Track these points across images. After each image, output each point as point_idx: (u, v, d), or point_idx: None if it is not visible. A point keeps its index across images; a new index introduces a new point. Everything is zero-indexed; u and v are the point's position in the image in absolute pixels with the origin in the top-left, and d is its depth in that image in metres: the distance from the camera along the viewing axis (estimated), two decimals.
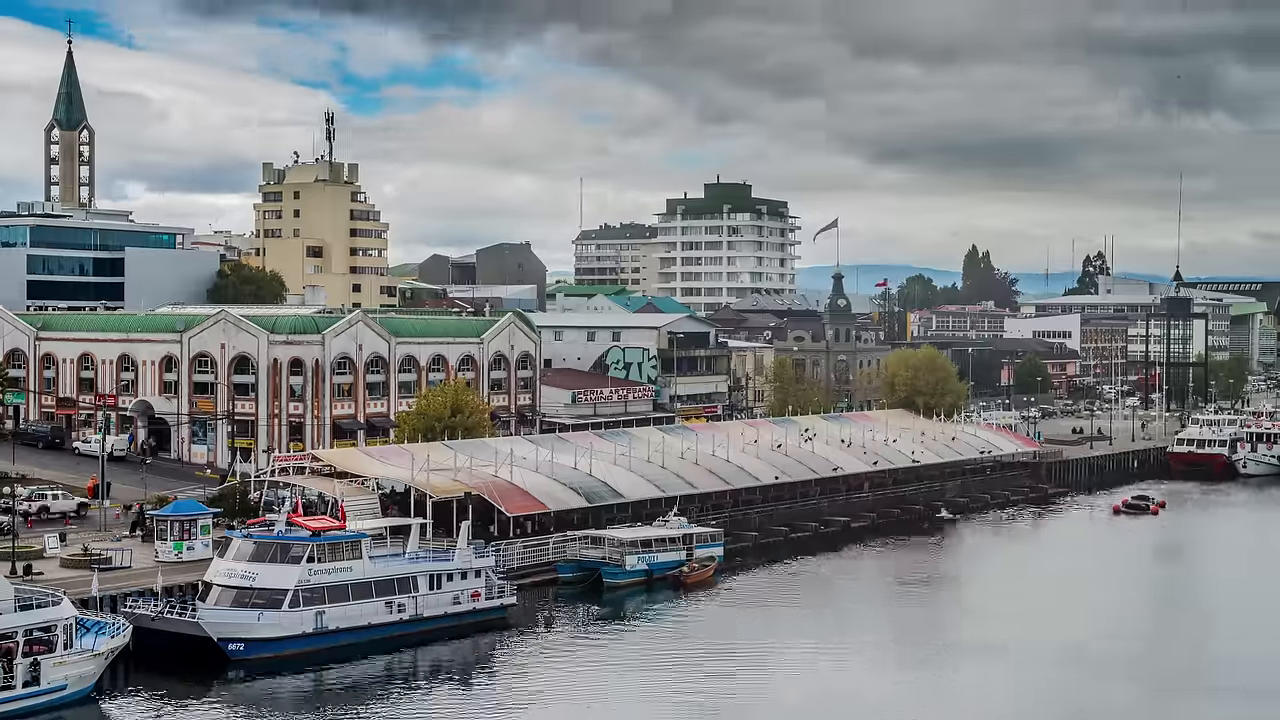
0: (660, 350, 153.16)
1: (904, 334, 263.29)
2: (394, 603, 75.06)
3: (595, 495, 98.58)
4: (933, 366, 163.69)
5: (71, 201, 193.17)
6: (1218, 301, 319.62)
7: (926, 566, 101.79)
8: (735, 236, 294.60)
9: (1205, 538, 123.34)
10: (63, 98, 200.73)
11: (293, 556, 72.16)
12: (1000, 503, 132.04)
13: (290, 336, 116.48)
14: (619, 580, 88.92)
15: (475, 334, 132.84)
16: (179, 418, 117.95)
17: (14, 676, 59.70)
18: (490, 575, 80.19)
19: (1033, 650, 76.37)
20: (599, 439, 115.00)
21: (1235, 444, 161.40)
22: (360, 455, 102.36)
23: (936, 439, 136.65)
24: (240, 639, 69.20)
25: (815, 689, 69.11)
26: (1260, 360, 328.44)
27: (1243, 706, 66.42)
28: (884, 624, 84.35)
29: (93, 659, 62.63)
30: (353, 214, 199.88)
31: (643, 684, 68.82)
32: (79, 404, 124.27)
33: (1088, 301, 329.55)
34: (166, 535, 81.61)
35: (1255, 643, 79.36)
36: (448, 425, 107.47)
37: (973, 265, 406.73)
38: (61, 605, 62.40)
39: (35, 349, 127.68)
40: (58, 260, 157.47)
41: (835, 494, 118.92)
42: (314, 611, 71.53)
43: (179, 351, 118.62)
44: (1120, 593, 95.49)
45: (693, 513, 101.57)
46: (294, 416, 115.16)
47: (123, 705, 63.29)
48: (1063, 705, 66.27)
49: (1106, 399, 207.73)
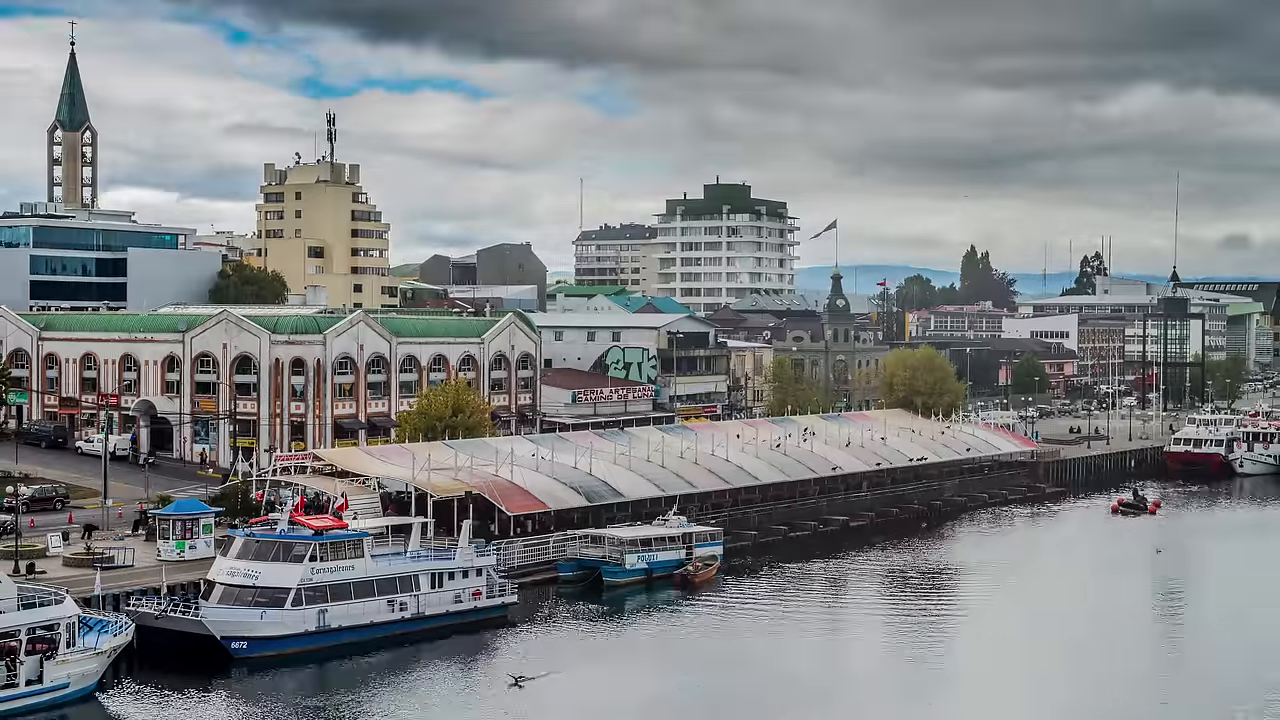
0: (660, 350, 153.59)
1: (902, 334, 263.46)
2: (396, 601, 75.51)
3: (595, 494, 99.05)
4: (931, 366, 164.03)
5: (74, 202, 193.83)
6: (1214, 302, 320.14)
7: (924, 564, 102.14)
8: (734, 237, 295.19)
9: (1203, 537, 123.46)
10: (65, 98, 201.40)
11: (295, 555, 72.60)
12: (998, 502, 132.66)
13: (292, 336, 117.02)
14: (619, 579, 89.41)
15: (476, 334, 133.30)
16: (181, 417, 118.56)
17: (17, 675, 60.04)
18: (491, 574, 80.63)
19: (1025, 640, 76.92)
20: (599, 438, 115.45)
21: (1232, 443, 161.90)
22: (361, 455, 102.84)
23: (935, 438, 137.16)
24: (243, 637, 69.64)
25: (815, 686, 69.47)
26: (1257, 360, 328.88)
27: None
28: (883, 622, 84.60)
29: (95, 657, 63.02)
30: (354, 214, 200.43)
31: (643, 681, 69.21)
32: (82, 404, 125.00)
33: (1085, 302, 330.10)
34: (169, 534, 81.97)
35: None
36: (449, 425, 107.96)
37: (971, 266, 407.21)
38: (64, 604, 62.75)
39: (38, 349, 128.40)
40: (61, 260, 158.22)
41: (834, 493, 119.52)
42: (316, 610, 71.98)
43: (181, 351, 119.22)
44: (1115, 591, 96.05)
45: (692, 512, 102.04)
46: (295, 416, 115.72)
47: (125, 703, 63.70)
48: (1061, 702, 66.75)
49: (1103, 400, 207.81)
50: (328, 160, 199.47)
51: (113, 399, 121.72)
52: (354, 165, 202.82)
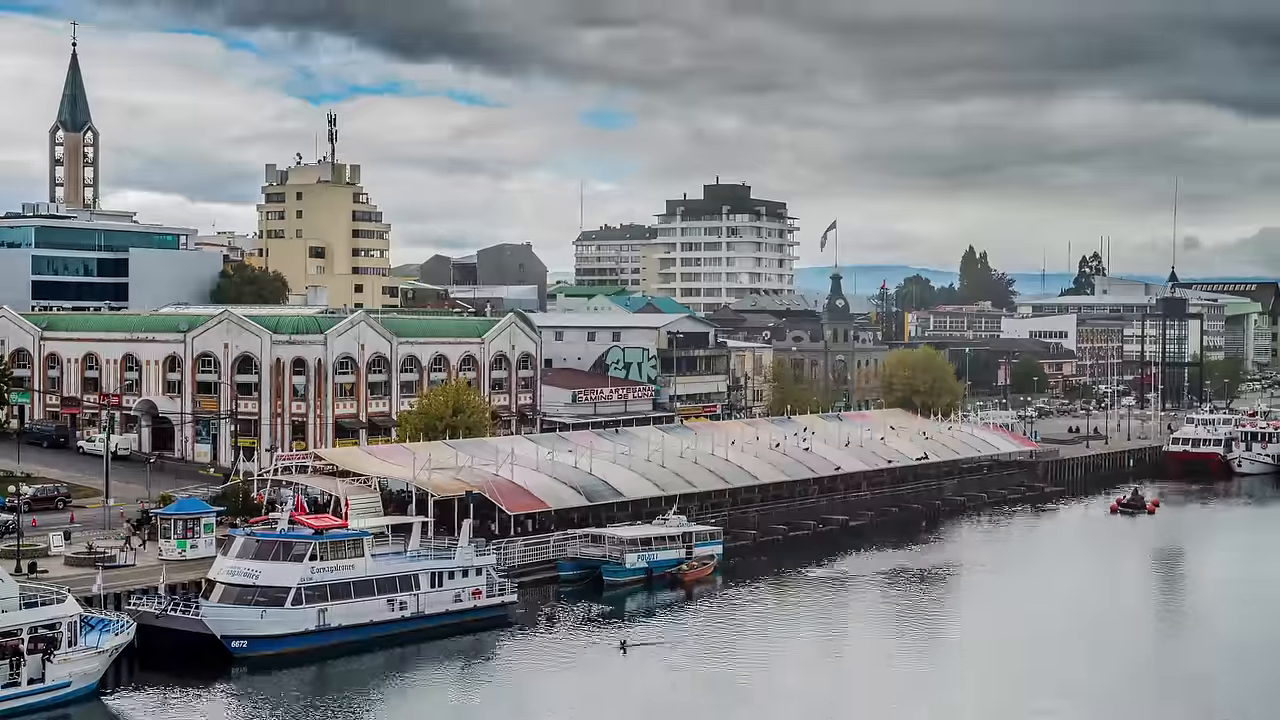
0: (660, 350, 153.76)
1: (902, 334, 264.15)
2: (396, 600, 75.75)
3: (595, 494, 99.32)
4: (930, 366, 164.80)
5: (76, 203, 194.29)
6: (1213, 302, 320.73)
7: (924, 564, 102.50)
8: (734, 237, 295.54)
9: (1201, 537, 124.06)
10: (67, 99, 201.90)
11: (295, 555, 72.85)
12: (997, 501, 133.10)
13: (293, 336, 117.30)
14: (619, 578, 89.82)
15: (476, 334, 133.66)
16: (183, 417, 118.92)
17: (19, 673, 60.31)
18: (491, 573, 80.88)
19: (1026, 640, 77.35)
20: (599, 438, 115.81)
21: (1230, 443, 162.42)
22: (362, 454, 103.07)
23: (934, 438, 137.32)
24: (243, 636, 69.89)
25: (813, 681, 69.90)
26: (1255, 360, 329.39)
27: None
28: (880, 619, 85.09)
29: (97, 656, 63.23)
30: (355, 215, 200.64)
31: (643, 678, 69.57)
32: (83, 403, 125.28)
33: (1084, 302, 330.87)
34: (170, 534, 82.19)
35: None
36: (449, 424, 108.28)
37: (970, 266, 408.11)
38: (66, 603, 63.00)
39: (40, 349, 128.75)
40: (63, 261, 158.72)
41: (833, 493, 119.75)
42: (316, 609, 72.21)
43: (183, 351, 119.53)
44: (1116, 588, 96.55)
45: (692, 511, 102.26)
46: (297, 416, 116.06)
47: (127, 702, 64.05)
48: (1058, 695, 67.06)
49: (1101, 400, 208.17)
50: (328, 161, 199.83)
51: (114, 399, 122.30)
52: (354, 166, 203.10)
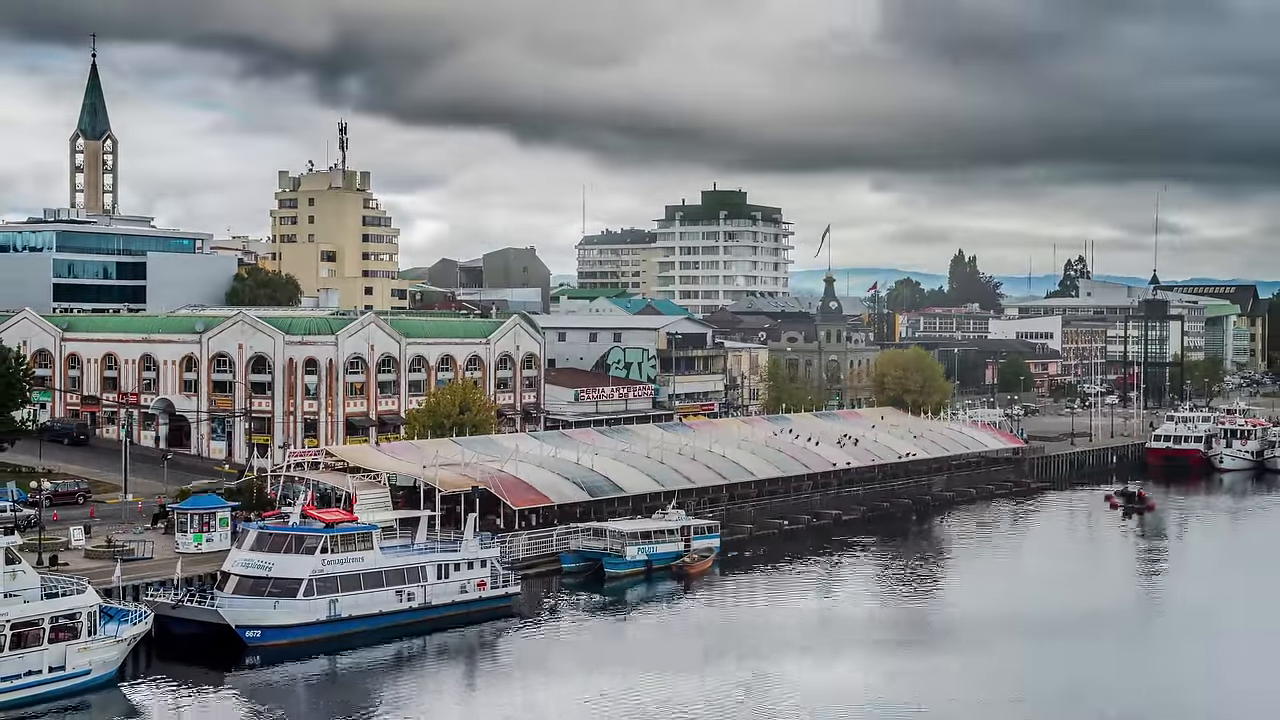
0: (659, 350, 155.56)
1: (892, 335, 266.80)
2: (404, 592, 77.02)
3: (597, 489, 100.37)
4: (920, 366, 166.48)
5: (96, 208, 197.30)
6: (1193, 304, 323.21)
7: (915, 556, 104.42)
8: (731, 242, 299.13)
9: (1198, 537, 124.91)
10: (87, 108, 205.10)
11: (307, 547, 74.15)
12: (985, 496, 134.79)
13: (305, 337, 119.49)
14: (620, 570, 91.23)
15: (482, 335, 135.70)
16: (199, 415, 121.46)
17: (41, 662, 61.57)
18: (496, 565, 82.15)
19: (1020, 635, 79.21)
20: (601, 436, 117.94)
21: (1211, 440, 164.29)
22: (372, 451, 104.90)
23: (924, 435, 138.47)
24: (257, 626, 71.12)
25: (812, 677, 70.40)
26: (1234, 360, 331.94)
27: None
28: (876, 613, 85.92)
29: (116, 645, 64.22)
30: (365, 220, 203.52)
31: (643, 672, 70.29)
32: (103, 402, 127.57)
33: (1068, 304, 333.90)
34: (187, 527, 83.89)
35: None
36: (456, 422, 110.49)
37: (958, 269, 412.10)
38: (86, 594, 63.94)
39: (61, 349, 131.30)
40: (83, 264, 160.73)
41: (827, 488, 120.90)
42: (327, 600, 73.51)
43: (199, 351, 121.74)
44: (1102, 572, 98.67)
45: (690, 506, 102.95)
46: (309, 414, 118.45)
47: (144, 690, 65.03)
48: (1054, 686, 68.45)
49: (1085, 399, 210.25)
50: (340, 168, 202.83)
51: (133, 397, 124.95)
52: (364, 172, 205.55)
